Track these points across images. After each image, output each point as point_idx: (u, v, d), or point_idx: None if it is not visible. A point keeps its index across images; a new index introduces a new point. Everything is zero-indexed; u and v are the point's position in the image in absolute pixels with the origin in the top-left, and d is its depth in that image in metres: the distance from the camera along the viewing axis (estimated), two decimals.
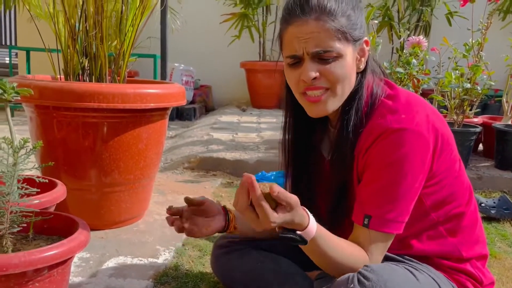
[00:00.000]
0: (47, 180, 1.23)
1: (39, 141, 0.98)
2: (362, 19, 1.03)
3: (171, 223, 1.19)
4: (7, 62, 7.14)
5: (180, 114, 4.57)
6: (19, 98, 1.19)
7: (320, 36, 0.97)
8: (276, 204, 0.91)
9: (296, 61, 1.01)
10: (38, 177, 0.99)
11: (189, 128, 3.93)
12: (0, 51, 7.37)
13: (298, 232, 0.94)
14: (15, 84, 1.18)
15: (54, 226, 1.10)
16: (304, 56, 0.99)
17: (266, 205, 0.89)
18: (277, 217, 0.90)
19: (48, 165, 1.04)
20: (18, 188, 0.95)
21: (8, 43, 7.35)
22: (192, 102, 4.86)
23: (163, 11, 3.78)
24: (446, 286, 1.05)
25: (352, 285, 0.92)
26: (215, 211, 1.21)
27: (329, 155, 1.13)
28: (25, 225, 0.99)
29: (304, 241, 0.95)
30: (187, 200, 1.20)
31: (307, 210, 0.96)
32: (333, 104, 1.02)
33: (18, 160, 0.94)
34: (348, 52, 1.00)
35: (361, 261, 0.99)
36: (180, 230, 1.18)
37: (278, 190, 0.90)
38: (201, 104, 5.02)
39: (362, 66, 1.04)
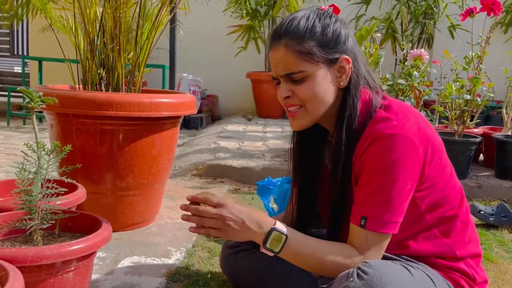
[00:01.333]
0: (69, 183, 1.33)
1: (68, 145, 1.08)
2: (341, 37, 1.10)
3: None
4: (17, 71, 7.31)
5: (187, 123, 4.67)
6: (44, 106, 1.29)
7: (287, 60, 1.08)
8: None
9: (277, 82, 1.14)
10: (66, 178, 1.08)
11: (197, 137, 4.03)
12: (13, 60, 7.53)
13: (274, 227, 1.07)
14: (41, 93, 1.28)
15: (77, 225, 1.19)
16: (279, 78, 1.12)
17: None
18: (225, 211, 1.06)
19: (76, 167, 1.13)
20: (48, 188, 1.04)
21: (20, 53, 7.51)
22: (199, 111, 4.97)
23: (172, 23, 3.91)
24: (440, 283, 1.12)
25: (351, 279, 1.00)
26: None
27: (329, 163, 1.22)
28: (54, 222, 1.08)
29: (284, 234, 1.06)
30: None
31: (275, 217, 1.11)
32: (307, 120, 1.13)
33: (49, 162, 1.03)
34: (320, 72, 1.09)
35: (348, 255, 1.06)
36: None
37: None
38: (207, 113, 5.13)
39: (343, 83, 1.12)
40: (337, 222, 1.18)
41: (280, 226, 1.09)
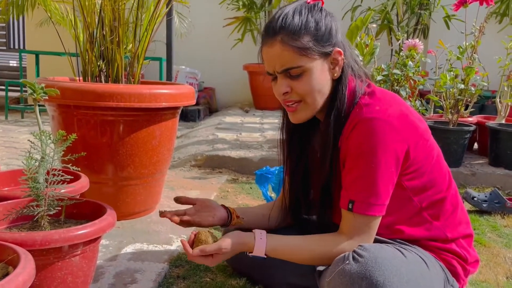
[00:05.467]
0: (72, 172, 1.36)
1: (73, 133, 1.11)
2: (333, 31, 1.13)
3: (174, 219, 1.32)
4: (13, 65, 7.30)
5: (185, 116, 4.70)
6: (47, 97, 1.32)
7: (284, 56, 1.10)
8: (215, 238, 1.18)
9: (273, 77, 1.17)
10: (72, 166, 1.12)
11: (194, 129, 4.06)
12: (8, 54, 7.52)
13: (249, 254, 1.16)
14: (43, 85, 1.31)
15: (82, 212, 1.22)
16: (276, 74, 1.14)
17: (201, 259, 1.15)
18: (223, 249, 1.14)
19: (81, 155, 1.16)
20: (54, 175, 1.07)
21: (16, 47, 7.50)
22: (196, 104, 4.98)
23: (169, 15, 3.92)
24: (433, 264, 1.16)
25: (347, 262, 1.04)
26: (214, 205, 1.36)
27: (319, 150, 1.26)
28: (60, 208, 1.12)
29: (261, 257, 1.16)
30: (177, 199, 1.37)
31: (255, 231, 1.18)
32: (307, 113, 1.16)
33: (55, 151, 1.07)
34: (316, 65, 1.12)
35: (331, 247, 1.12)
36: (184, 222, 1.32)
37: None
38: (205, 105, 5.15)
39: (337, 74, 1.16)
40: (326, 207, 1.22)
41: (258, 248, 1.16)
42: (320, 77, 1.13)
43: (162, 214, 1.30)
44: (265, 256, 1.16)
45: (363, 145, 1.08)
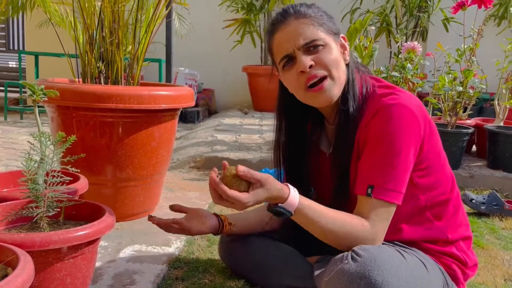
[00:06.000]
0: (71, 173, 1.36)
1: (72, 135, 1.11)
2: (336, 22, 1.19)
3: (162, 225, 1.34)
4: (12, 66, 7.30)
5: (184, 117, 4.70)
6: (46, 99, 1.32)
7: (303, 29, 1.12)
8: (249, 183, 1.05)
9: (289, 61, 1.15)
10: (71, 167, 1.12)
11: (193, 130, 4.06)
12: (8, 55, 7.52)
13: (279, 204, 1.07)
14: (42, 86, 1.32)
15: (81, 213, 1.22)
16: (296, 53, 1.13)
17: (233, 193, 1.02)
18: (248, 197, 1.04)
19: (80, 156, 1.17)
20: (54, 176, 1.08)
21: (15, 48, 7.50)
22: (195, 105, 4.99)
23: (168, 17, 3.93)
24: (432, 267, 1.16)
25: (346, 261, 1.04)
26: (206, 214, 1.37)
27: (330, 149, 1.25)
28: (59, 209, 1.12)
29: (288, 212, 1.07)
30: (171, 207, 1.37)
31: (288, 184, 1.09)
32: (335, 89, 1.14)
33: (55, 152, 1.07)
34: (332, 42, 1.15)
35: (357, 229, 1.09)
36: (175, 229, 1.33)
37: (243, 169, 1.04)
38: (204, 107, 5.16)
39: (347, 58, 1.19)
40: (341, 203, 1.20)
41: (291, 200, 1.07)
42: (338, 54, 1.15)
43: (150, 218, 1.34)
44: (293, 212, 1.08)
45: (383, 129, 1.08)
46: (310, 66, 1.11)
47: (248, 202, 1.05)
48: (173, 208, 1.38)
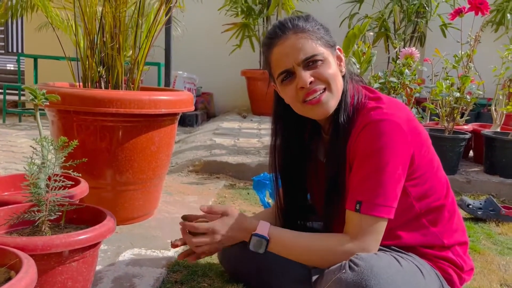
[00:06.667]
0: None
1: (73, 139, 1.12)
2: (332, 35, 1.21)
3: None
4: (11, 68, 7.30)
5: (182, 121, 4.70)
6: (47, 103, 1.33)
7: (302, 44, 1.14)
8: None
9: (288, 76, 1.16)
10: (73, 171, 1.13)
11: (192, 134, 4.07)
12: (6, 58, 7.53)
13: (253, 233, 1.16)
14: (44, 91, 1.33)
15: (82, 217, 1.24)
16: (295, 68, 1.15)
17: (202, 224, 1.19)
18: (216, 223, 1.19)
19: (82, 161, 1.18)
20: (56, 181, 1.09)
21: (15, 50, 7.51)
22: (194, 109, 5.01)
23: (168, 22, 3.95)
24: (428, 273, 1.17)
25: (343, 271, 1.05)
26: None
27: (325, 158, 1.27)
28: (60, 214, 1.13)
29: (263, 237, 1.16)
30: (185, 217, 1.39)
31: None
32: (332, 102, 1.16)
33: (57, 156, 1.08)
34: (330, 56, 1.17)
35: (338, 242, 1.12)
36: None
37: (205, 206, 1.23)
38: (203, 111, 5.17)
39: (343, 70, 1.21)
40: (332, 212, 1.22)
41: (262, 229, 1.17)
42: (335, 67, 1.17)
43: (173, 245, 1.33)
44: (262, 252, 1.16)
45: (372, 145, 1.10)
46: (310, 82, 1.14)
47: (219, 230, 1.18)
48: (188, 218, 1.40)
